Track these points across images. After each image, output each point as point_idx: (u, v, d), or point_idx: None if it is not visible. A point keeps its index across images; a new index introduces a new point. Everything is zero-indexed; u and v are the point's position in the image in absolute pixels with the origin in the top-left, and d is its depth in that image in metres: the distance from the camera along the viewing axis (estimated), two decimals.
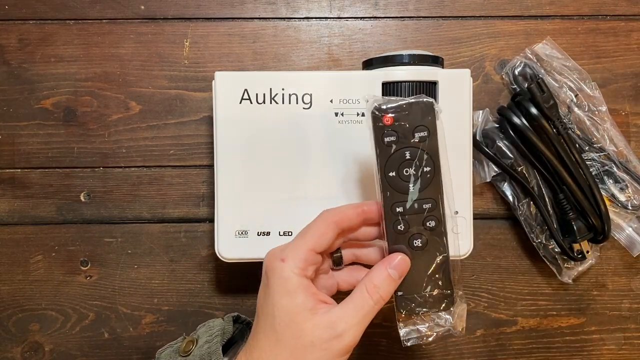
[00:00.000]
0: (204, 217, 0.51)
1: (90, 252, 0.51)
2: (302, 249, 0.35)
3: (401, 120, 0.35)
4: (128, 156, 0.51)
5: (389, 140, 0.35)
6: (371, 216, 0.37)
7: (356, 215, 0.37)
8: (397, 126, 0.35)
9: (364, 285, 0.35)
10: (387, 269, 0.36)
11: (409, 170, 0.35)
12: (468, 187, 0.44)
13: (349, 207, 0.37)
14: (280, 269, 0.35)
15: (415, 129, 0.35)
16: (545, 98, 0.47)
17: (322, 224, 0.36)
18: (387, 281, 0.36)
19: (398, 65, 0.43)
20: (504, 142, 0.48)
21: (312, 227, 0.36)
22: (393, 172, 0.35)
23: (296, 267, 0.35)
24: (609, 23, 0.51)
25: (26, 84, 0.51)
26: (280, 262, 0.35)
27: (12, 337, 0.51)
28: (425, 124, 0.35)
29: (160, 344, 0.51)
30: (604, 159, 0.49)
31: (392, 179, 0.35)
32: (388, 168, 0.35)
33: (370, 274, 0.36)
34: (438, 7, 0.51)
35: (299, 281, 0.35)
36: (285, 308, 0.34)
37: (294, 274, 0.35)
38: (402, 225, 0.36)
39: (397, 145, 0.35)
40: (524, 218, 0.49)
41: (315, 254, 0.36)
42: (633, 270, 0.52)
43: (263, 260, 0.37)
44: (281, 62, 0.51)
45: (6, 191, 0.51)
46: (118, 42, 0.51)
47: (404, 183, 0.35)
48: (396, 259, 0.36)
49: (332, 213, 0.37)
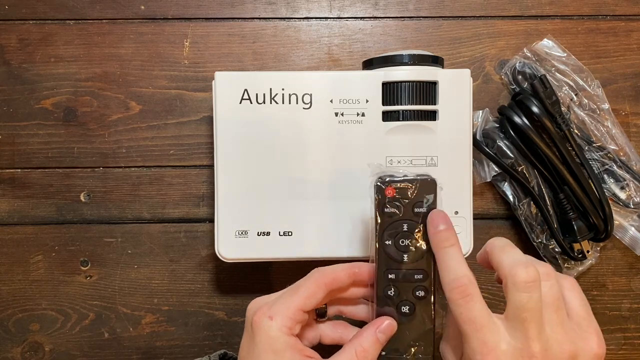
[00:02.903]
0: (204, 217, 0.51)
1: (90, 252, 0.51)
2: (291, 307, 0.35)
3: (403, 194, 0.36)
4: (128, 156, 0.51)
5: (389, 211, 0.37)
6: (361, 278, 0.38)
7: (347, 277, 0.37)
8: (399, 199, 0.37)
9: (353, 348, 0.35)
10: (375, 333, 0.36)
11: (405, 242, 0.37)
12: (468, 187, 0.44)
13: (341, 269, 0.37)
14: (267, 328, 0.35)
15: (415, 205, 0.36)
16: (548, 94, 0.47)
17: (313, 285, 0.36)
18: (376, 345, 0.36)
19: (398, 65, 0.43)
20: (505, 141, 0.48)
21: (302, 287, 0.36)
22: (389, 241, 0.37)
23: (284, 326, 0.35)
24: (609, 23, 0.51)
25: (26, 84, 0.51)
26: (268, 319, 0.35)
27: (12, 337, 0.51)
28: (426, 201, 0.36)
29: (160, 344, 0.51)
30: (604, 158, 0.49)
31: (388, 246, 0.37)
32: (385, 236, 0.37)
33: (360, 337, 0.36)
34: (438, 7, 0.51)
35: (286, 340, 0.35)
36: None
37: (282, 332, 0.35)
38: (392, 291, 0.37)
39: (396, 217, 0.37)
40: (524, 218, 0.49)
41: (303, 312, 0.36)
42: (633, 270, 0.52)
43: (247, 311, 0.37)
44: (281, 62, 0.51)
45: (6, 191, 0.51)
46: (118, 42, 0.51)
47: (399, 252, 0.37)
48: (384, 323, 0.36)
49: (324, 274, 0.37)
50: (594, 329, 0.33)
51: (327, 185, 0.43)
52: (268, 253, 0.43)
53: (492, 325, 0.32)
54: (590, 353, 0.32)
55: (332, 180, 0.43)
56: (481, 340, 0.32)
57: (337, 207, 0.43)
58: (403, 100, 0.43)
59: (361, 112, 0.43)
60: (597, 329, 0.33)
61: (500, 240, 0.35)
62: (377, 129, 0.43)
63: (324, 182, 0.43)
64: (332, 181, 0.43)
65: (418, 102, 0.43)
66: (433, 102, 0.43)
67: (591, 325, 0.33)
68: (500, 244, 0.35)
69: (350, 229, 0.43)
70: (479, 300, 0.33)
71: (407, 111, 0.43)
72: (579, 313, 0.34)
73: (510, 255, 0.33)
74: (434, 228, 0.35)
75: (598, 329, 0.33)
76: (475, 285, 0.33)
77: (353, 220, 0.43)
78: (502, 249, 0.34)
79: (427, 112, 0.43)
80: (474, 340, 0.32)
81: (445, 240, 0.35)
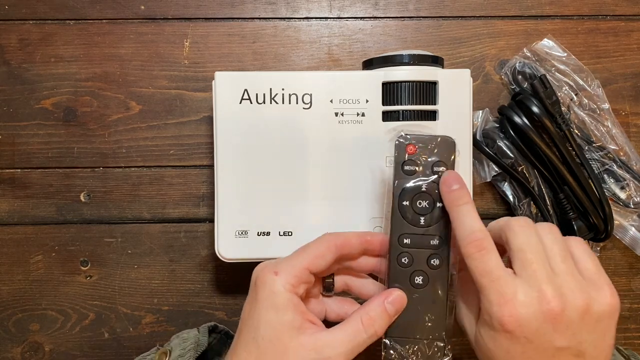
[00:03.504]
0: (204, 217, 0.51)
1: (90, 252, 0.51)
2: (297, 265, 0.34)
3: (423, 152, 0.36)
4: (128, 156, 0.51)
5: (408, 169, 0.36)
6: (373, 247, 0.37)
7: (359, 243, 0.36)
8: (418, 157, 0.36)
9: (359, 317, 0.34)
10: (384, 303, 0.35)
11: (423, 203, 0.36)
12: (468, 187, 0.44)
13: (353, 234, 0.37)
14: (271, 282, 0.34)
15: (435, 164, 0.36)
16: (548, 94, 0.47)
17: (323, 245, 0.35)
18: (384, 315, 0.35)
19: (398, 65, 0.43)
20: (505, 141, 0.48)
21: (311, 246, 0.36)
22: (407, 202, 0.36)
23: (288, 282, 0.34)
24: (609, 23, 0.51)
25: (26, 84, 0.51)
26: (273, 274, 0.34)
27: (12, 337, 0.51)
28: (445, 160, 0.36)
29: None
30: (604, 158, 0.49)
31: (404, 207, 0.36)
32: (402, 196, 0.36)
33: (367, 306, 0.35)
34: (438, 7, 0.51)
35: (289, 297, 0.34)
36: (271, 323, 0.33)
37: (285, 289, 0.34)
38: (406, 259, 0.36)
39: (416, 176, 0.36)
40: None
41: (310, 273, 0.35)
42: (633, 270, 0.52)
43: (252, 274, 0.36)
44: (281, 62, 0.51)
45: (6, 191, 0.51)
46: (118, 42, 0.51)
47: (416, 215, 0.36)
48: (394, 294, 0.35)
49: (335, 236, 0.36)
50: (606, 281, 0.33)
51: (327, 185, 0.43)
52: (268, 253, 0.43)
53: (508, 277, 0.32)
54: (604, 302, 0.32)
55: (332, 180, 0.43)
56: (498, 292, 0.32)
57: (337, 207, 0.43)
58: (403, 100, 0.43)
59: (361, 112, 0.43)
60: (608, 282, 0.33)
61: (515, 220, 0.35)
62: (377, 129, 0.43)
63: (324, 182, 0.43)
64: (332, 181, 0.43)
65: (418, 102, 0.43)
66: (433, 102, 0.43)
67: (602, 277, 0.33)
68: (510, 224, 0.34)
69: (350, 229, 0.43)
70: (495, 253, 0.33)
71: (407, 111, 0.43)
72: (589, 267, 0.34)
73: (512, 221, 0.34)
74: (448, 187, 0.35)
75: (610, 282, 0.33)
76: (490, 239, 0.33)
77: (353, 220, 0.43)
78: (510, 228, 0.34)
79: (427, 112, 0.43)
80: (491, 292, 0.32)
81: (459, 198, 0.35)
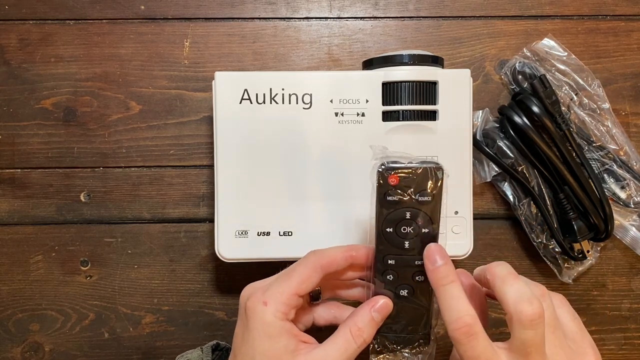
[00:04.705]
0: (204, 217, 0.51)
1: (90, 252, 0.51)
2: (285, 292, 0.35)
3: (407, 182, 0.34)
4: (128, 156, 0.51)
5: (391, 199, 0.35)
6: (359, 261, 0.37)
7: (344, 260, 0.36)
8: (402, 187, 0.34)
9: (347, 328, 0.35)
10: (370, 312, 0.35)
11: (407, 229, 0.35)
12: (468, 187, 0.44)
13: (338, 251, 0.36)
14: (261, 313, 0.34)
15: (419, 193, 0.34)
16: (548, 94, 0.47)
17: (308, 268, 0.35)
18: (371, 324, 0.35)
19: (398, 65, 0.43)
20: (505, 141, 0.48)
21: (297, 270, 0.36)
22: (390, 229, 0.35)
23: (278, 311, 0.34)
24: (609, 23, 0.51)
25: (26, 84, 0.51)
26: (262, 305, 0.34)
27: (12, 337, 0.51)
28: (430, 189, 0.34)
29: (160, 344, 0.51)
30: (604, 158, 0.49)
31: (388, 234, 0.35)
32: (386, 224, 0.35)
33: (355, 316, 0.35)
34: (438, 7, 0.51)
35: (281, 325, 0.34)
36: (267, 353, 0.34)
37: (277, 318, 0.34)
38: (391, 276, 0.36)
39: (399, 205, 0.35)
40: (525, 218, 0.49)
41: (298, 297, 0.35)
42: (633, 270, 0.52)
43: (240, 297, 0.36)
44: (281, 62, 0.51)
45: (6, 191, 0.51)
46: (118, 42, 0.51)
47: (400, 239, 0.35)
48: (380, 302, 0.36)
49: (320, 256, 0.36)
50: (588, 342, 0.35)
51: (327, 185, 0.43)
52: (268, 253, 0.43)
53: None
54: None
55: (332, 180, 0.43)
56: None
57: (337, 207, 0.43)
58: (403, 100, 0.43)
59: (361, 112, 0.43)
60: (591, 342, 0.35)
61: (501, 269, 0.34)
62: (377, 129, 0.43)
63: (324, 182, 0.43)
64: (332, 181, 0.43)
65: (418, 102, 0.43)
66: (433, 102, 0.43)
67: (585, 338, 0.35)
68: (502, 274, 0.34)
69: (350, 228, 0.43)
70: (483, 337, 0.32)
71: (407, 111, 0.43)
72: (572, 328, 0.35)
73: (513, 288, 0.33)
74: (432, 264, 0.34)
75: (592, 341, 0.35)
76: (478, 321, 0.33)
77: (353, 220, 0.43)
78: (504, 280, 0.34)
79: (427, 112, 0.43)
80: None
81: (444, 277, 0.34)
